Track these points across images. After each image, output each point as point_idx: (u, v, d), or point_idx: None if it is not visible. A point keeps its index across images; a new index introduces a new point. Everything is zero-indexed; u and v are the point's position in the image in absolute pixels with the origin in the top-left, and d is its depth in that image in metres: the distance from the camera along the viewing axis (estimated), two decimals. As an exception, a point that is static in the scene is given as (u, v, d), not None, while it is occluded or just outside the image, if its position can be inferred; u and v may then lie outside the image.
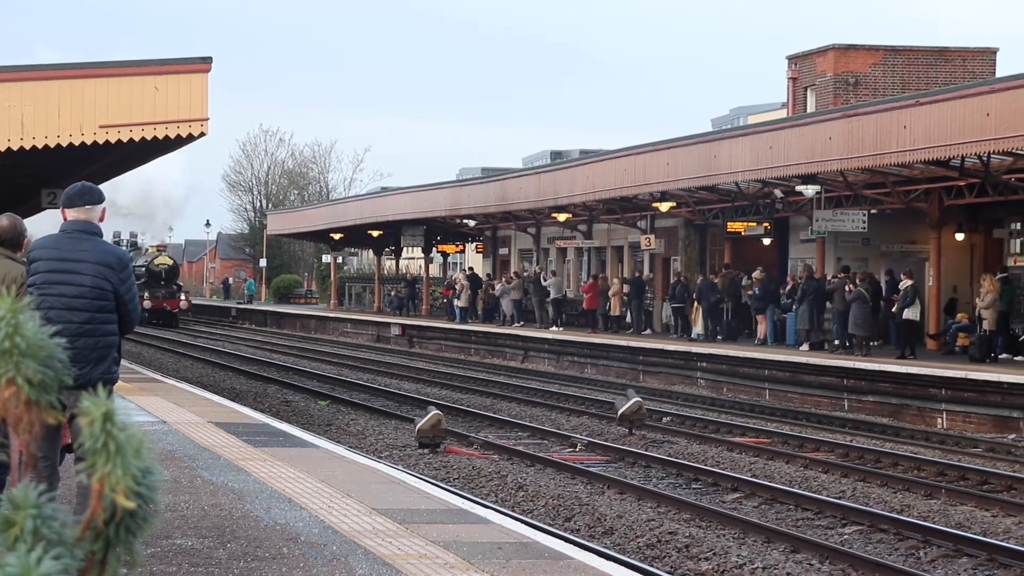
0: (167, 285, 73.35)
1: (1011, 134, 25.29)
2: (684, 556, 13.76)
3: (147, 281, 71.47)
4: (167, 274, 73.60)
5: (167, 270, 73.71)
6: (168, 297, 72.69)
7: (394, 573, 9.07)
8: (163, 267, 73.50)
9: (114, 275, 8.41)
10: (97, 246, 8.48)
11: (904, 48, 44.86)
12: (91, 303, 8.31)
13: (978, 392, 26.49)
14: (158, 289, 72.53)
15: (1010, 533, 15.34)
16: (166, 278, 73.42)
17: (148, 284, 71.57)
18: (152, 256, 74.90)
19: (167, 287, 73.26)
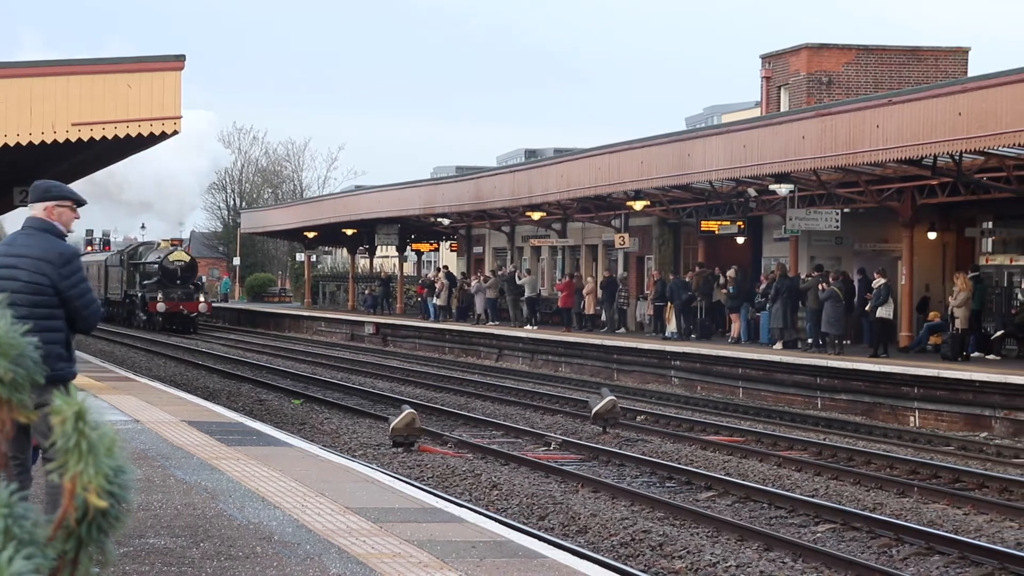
0: (183, 284, 64.29)
1: (983, 133, 25.40)
2: (658, 554, 13.78)
3: (160, 280, 63.85)
4: (183, 272, 64.45)
5: (183, 267, 64.54)
6: (185, 299, 63.56)
7: (368, 572, 9.06)
8: (179, 264, 64.36)
9: (53, 271, 8.29)
10: (41, 242, 8.40)
11: (877, 47, 45.02)
12: (28, 298, 8.21)
13: (950, 391, 26.60)
14: (173, 289, 63.77)
15: (981, 531, 15.41)
16: (182, 276, 64.38)
17: (161, 284, 63.67)
18: (165, 252, 65.34)
19: (183, 287, 64.23)
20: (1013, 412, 25.23)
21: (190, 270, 65.15)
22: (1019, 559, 13.33)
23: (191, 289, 64.48)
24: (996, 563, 13.32)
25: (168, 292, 63.14)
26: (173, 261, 64.40)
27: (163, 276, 63.66)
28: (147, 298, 63.48)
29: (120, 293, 69.78)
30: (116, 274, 70.53)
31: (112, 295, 71.25)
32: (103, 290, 71.95)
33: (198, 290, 65.62)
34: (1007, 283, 32.42)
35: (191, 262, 65.78)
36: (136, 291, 66.00)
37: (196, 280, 66.46)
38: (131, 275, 67.30)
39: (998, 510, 16.66)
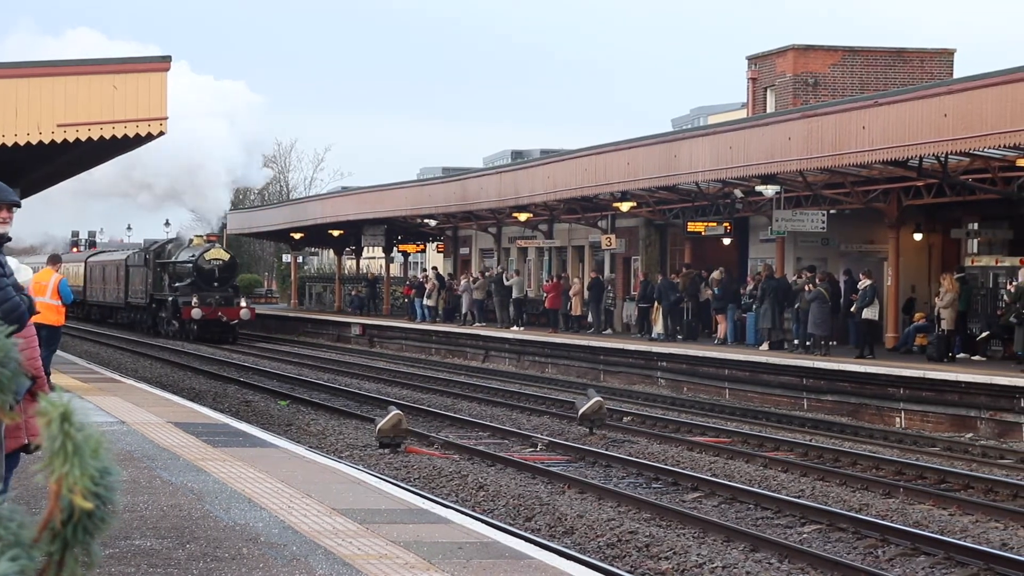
0: (222, 287, 55.60)
1: (968, 135, 25.46)
2: (644, 555, 13.79)
3: (195, 282, 55.47)
4: (222, 272, 55.94)
5: (222, 267, 56.08)
6: (224, 304, 54.79)
7: (354, 573, 9.06)
8: (216, 263, 55.93)
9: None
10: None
11: (863, 49, 45.10)
12: None
13: (936, 392, 26.66)
14: (210, 292, 54.92)
15: (967, 532, 15.45)
16: (220, 278, 55.73)
17: (196, 286, 55.26)
18: (199, 249, 56.74)
19: (222, 290, 55.49)
20: (998, 413, 25.30)
21: (229, 270, 56.74)
22: (1004, 560, 13.37)
23: (230, 293, 55.90)
24: (982, 564, 13.35)
25: (204, 296, 54.56)
26: (210, 260, 55.80)
27: (198, 277, 55.35)
28: (179, 303, 55.50)
29: (144, 297, 61.52)
30: (139, 275, 62.22)
31: (134, 299, 63.65)
32: (122, 294, 65.23)
33: (238, 293, 57.55)
34: (992, 284, 32.49)
35: (230, 261, 57.47)
36: (165, 294, 58.03)
37: (235, 282, 58.48)
38: (158, 276, 59.33)
39: (984, 511, 16.70)
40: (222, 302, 54.86)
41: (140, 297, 62.12)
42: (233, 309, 55.02)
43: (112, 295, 68.32)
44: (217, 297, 54.86)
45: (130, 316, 64.88)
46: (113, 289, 67.73)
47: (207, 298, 54.62)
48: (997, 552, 13.81)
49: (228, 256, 57.66)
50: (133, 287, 63.35)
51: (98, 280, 71.77)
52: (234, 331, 55.22)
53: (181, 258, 57.62)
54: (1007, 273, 31.13)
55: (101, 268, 71.47)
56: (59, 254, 25.25)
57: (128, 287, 64.17)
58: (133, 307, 63.80)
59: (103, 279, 70.42)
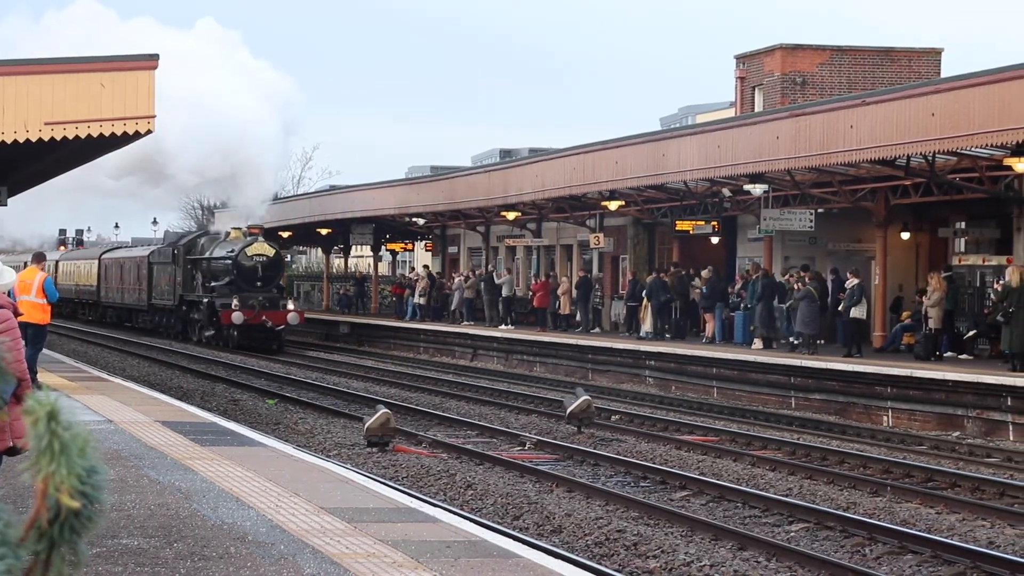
0: (266, 287, 48.43)
1: (956, 134, 25.51)
2: (632, 554, 13.80)
3: (234, 282, 48.25)
4: (266, 270, 48.52)
5: (266, 264, 48.57)
6: (269, 306, 47.81)
7: (342, 572, 9.06)
8: (259, 260, 48.44)
9: None
10: None
11: (850, 48, 45.16)
12: None
13: (923, 390, 26.70)
14: (251, 293, 47.87)
15: (954, 530, 15.48)
16: (264, 277, 48.41)
17: (236, 286, 48.09)
18: (239, 243, 49.18)
19: (266, 290, 48.39)
20: (985, 412, 25.35)
21: (274, 268, 49.29)
22: (991, 558, 13.40)
23: (275, 294, 49.02)
24: (968, 562, 13.38)
25: (246, 298, 47.47)
26: (252, 256, 48.41)
27: (238, 276, 48.20)
28: (217, 306, 48.56)
29: (172, 298, 54.66)
30: (166, 274, 55.53)
31: (159, 301, 56.87)
32: (145, 294, 58.60)
33: (282, 294, 50.71)
34: (979, 283, 32.55)
35: (275, 257, 49.51)
36: (198, 296, 51.36)
37: (280, 282, 51.19)
38: (189, 275, 52.77)
39: (970, 509, 16.74)
40: (266, 304, 47.79)
41: (167, 298, 55.43)
42: (279, 313, 47.98)
43: (132, 296, 61.91)
44: (261, 299, 47.72)
45: (154, 320, 58.05)
46: (133, 289, 61.33)
47: (249, 300, 47.49)
48: (984, 550, 13.85)
49: (273, 251, 49.33)
50: (158, 287, 56.92)
51: (115, 279, 65.55)
52: (280, 338, 48.29)
53: (217, 254, 50.52)
54: (994, 272, 31.19)
55: (119, 266, 64.80)
56: (43, 252, 25.20)
57: (152, 287, 57.72)
58: (158, 310, 57.35)
59: (121, 278, 64.13)
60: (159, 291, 56.77)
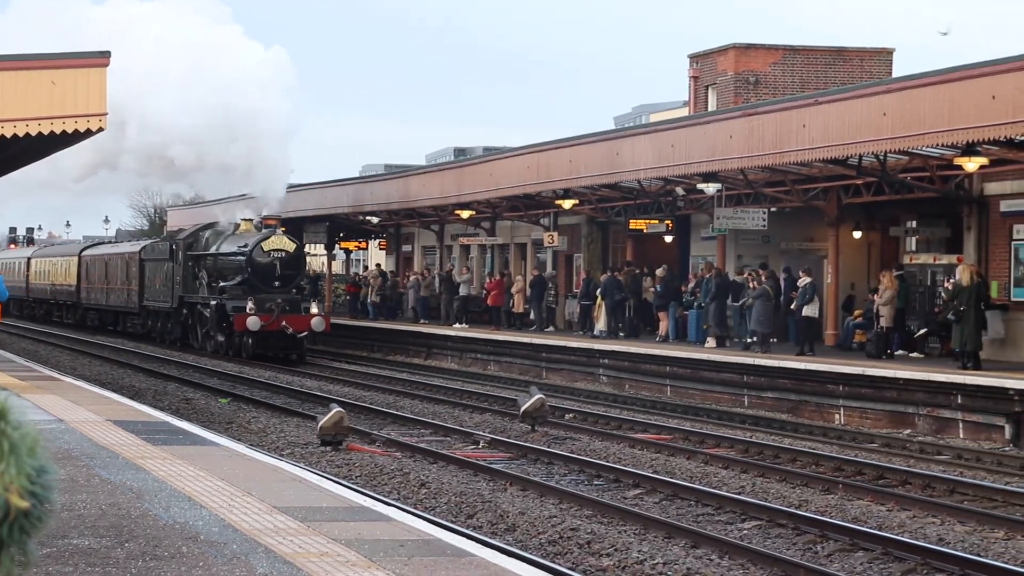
0: (284, 287, 42.46)
1: (907, 133, 25.69)
2: (586, 552, 13.83)
3: (248, 281, 42.40)
4: (285, 268, 42.46)
5: (285, 261, 42.56)
6: (290, 310, 41.92)
7: (295, 571, 9.04)
8: (278, 256, 42.45)
9: None
10: None
11: (803, 48, 45.38)
12: None
13: (875, 388, 26.89)
14: (269, 294, 41.90)
15: (904, 527, 15.60)
16: (283, 275, 42.36)
17: (251, 286, 42.22)
18: (253, 238, 43.26)
19: (285, 290, 42.44)
20: (936, 410, 25.55)
21: (295, 265, 43.18)
22: (941, 555, 13.51)
23: (297, 296, 43.14)
24: (919, 559, 13.49)
25: (263, 300, 41.56)
26: (269, 251, 42.31)
27: (252, 274, 42.12)
28: (228, 309, 42.53)
29: (169, 300, 48.41)
30: (161, 272, 49.49)
31: (154, 303, 50.70)
32: (135, 295, 52.90)
33: (304, 294, 44.46)
34: (930, 282, 32.80)
35: (297, 252, 43.48)
36: (203, 297, 45.39)
37: (303, 281, 45.02)
38: (191, 273, 46.76)
39: (921, 506, 16.87)
40: (287, 308, 41.81)
41: (163, 300, 49.32)
42: (301, 317, 41.76)
43: (119, 297, 56.21)
44: (279, 301, 41.69)
45: (146, 324, 52.19)
46: (121, 290, 55.64)
47: (266, 302, 41.47)
48: (934, 547, 13.96)
49: (293, 246, 43.13)
50: (152, 287, 50.73)
51: (98, 278, 59.95)
52: (302, 346, 42.29)
53: (226, 249, 44.54)
54: (944, 271, 31.43)
55: (103, 264, 59.28)
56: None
57: (145, 287, 51.81)
58: (152, 313, 51.33)
59: (106, 277, 58.48)
60: (153, 292, 50.77)
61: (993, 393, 24.27)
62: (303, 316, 41.98)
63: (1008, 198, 29.61)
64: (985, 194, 30.10)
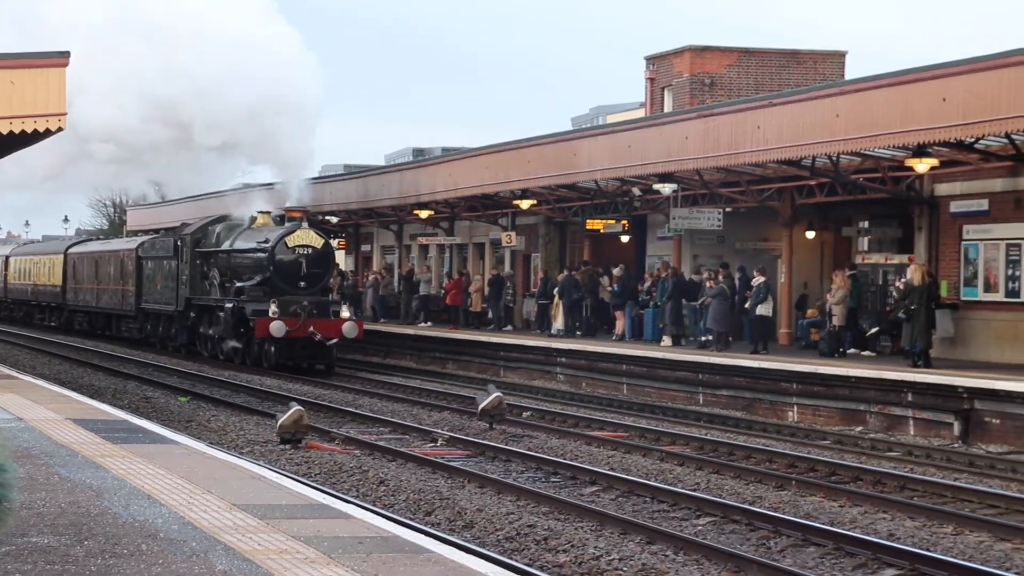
0: (311, 288, 37.56)
1: (859, 135, 25.86)
2: (543, 548, 13.87)
3: (268, 281, 37.59)
4: (312, 266, 37.57)
5: (312, 258, 37.63)
6: (318, 314, 36.98)
7: (254, 568, 9.03)
8: (304, 253, 37.50)
9: None
10: None
11: (757, 50, 45.58)
12: None
13: (827, 386, 27.05)
14: (295, 296, 37.09)
15: (856, 523, 15.71)
16: (309, 275, 37.46)
17: (272, 286, 37.43)
18: (274, 232, 38.48)
19: (311, 291, 37.55)
20: (887, 407, 25.73)
21: (323, 263, 38.07)
22: (892, 550, 13.62)
23: (325, 298, 38.44)
24: (870, 554, 13.59)
25: (288, 302, 36.67)
26: (294, 247, 37.44)
27: (275, 274, 37.33)
28: (247, 313, 37.55)
29: (173, 302, 43.42)
30: (162, 271, 44.85)
31: (153, 305, 45.83)
32: (131, 298, 48.15)
33: (330, 295, 39.87)
34: (882, 281, 33.01)
35: (324, 249, 38.29)
36: (216, 300, 40.50)
37: (329, 282, 40.03)
38: (199, 272, 41.95)
39: (872, 502, 16.99)
40: (316, 311, 36.93)
41: (166, 302, 44.36)
42: (331, 322, 36.87)
43: (113, 299, 51.36)
44: (306, 304, 36.81)
45: (145, 328, 47.57)
46: (115, 291, 50.92)
47: (291, 305, 36.63)
48: (885, 542, 14.07)
49: (321, 242, 38.00)
50: (152, 288, 46.07)
51: (87, 278, 55.17)
52: (331, 355, 37.49)
53: (242, 245, 39.56)
54: (896, 270, 31.65)
55: (92, 262, 54.51)
56: None
57: (143, 288, 47.15)
58: (151, 316, 46.57)
59: (96, 277, 53.69)
60: (153, 293, 45.91)
61: (943, 391, 24.47)
62: (333, 321, 37.03)
63: (958, 199, 29.84)
64: (936, 195, 30.33)
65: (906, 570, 13.02)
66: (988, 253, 29.06)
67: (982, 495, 17.62)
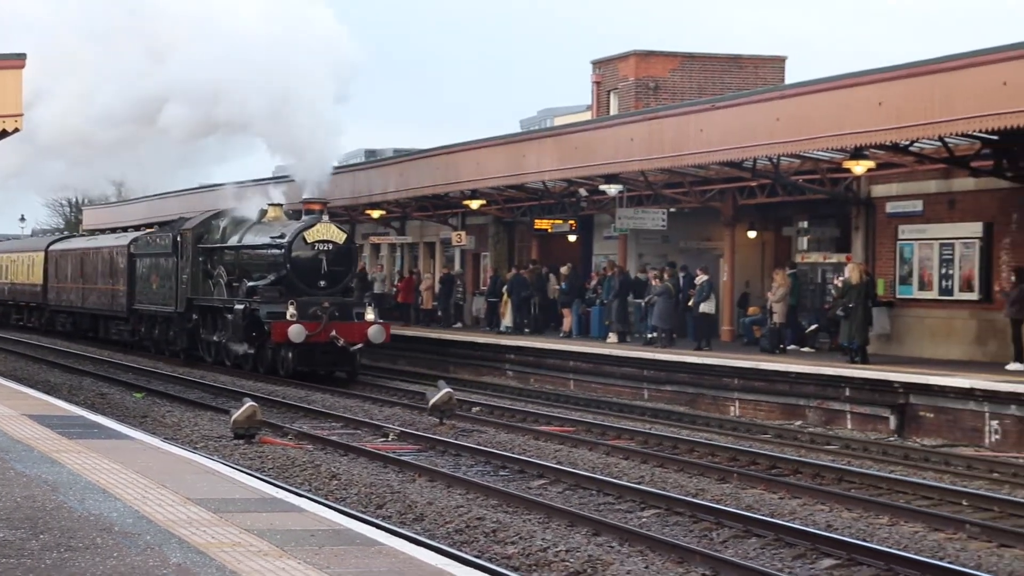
0: (331, 288, 33.34)
1: (799, 138, 26.00)
2: (491, 540, 13.88)
3: (284, 280, 33.47)
4: (333, 263, 33.45)
5: (333, 255, 33.44)
6: (341, 315, 32.74)
7: (208, 561, 8.99)
8: (324, 249, 33.34)
9: None
10: None
11: (700, 55, 45.75)
12: None
13: (768, 382, 27.19)
14: (315, 296, 32.92)
15: (795, 514, 15.80)
16: (330, 273, 33.35)
17: (289, 285, 33.29)
18: (290, 227, 34.31)
19: (331, 292, 33.30)
20: (825, 402, 25.90)
21: (344, 261, 33.88)
22: (830, 540, 13.71)
23: (347, 298, 33.97)
24: (809, 544, 13.68)
25: (307, 304, 32.54)
26: (314, 243, 33.32)
27: (293, 272, 33.17)
28: (262, 315, 33.27)
29: (172, 303, 39.32)
30: (158, 270, 40.92)
31: (148, 306, 41.86)
32: (122, 298, 44.29)
33: (353, 294, 35.06)
34: (821, 279, 33.23)
35: (347, 245, 34.00)
36: (222, 300, 36.19)
37: (351, 282, 35.03)
38: (201, 271, 37.82)
39: (811, 494, 17.09)
40: (338, 312, 32.75)
41: (163, 303, 40.31)
42: (356, 326, 32.70)
43: (101, 299, 47.30)
44: (328, 305, 32.57)
45: (138, 331, 43.43)
46: (103, 291, 47.05)
47: (310, 306, 32.47)
48: (823, 533, 14.16)
49: (343, 236, 33.86)
50: (146, 287, 42.22)
51: (71, 277, 51.42)
52: (355, 361, 33.25)
53: (252, 240, 35.84)
54: (834, 269, 31.86)
55: (77, 260, 50.52)
56: None
57: (135, 287, 43.30)
58: (147, 318, 42.53)
59: (82, 275, 49.72)
60: (148, 293, 41.89)
61: (879, 386, 24.66)
62: (357, 324, 32.78)
63: (894, 200, 30.08)
64: (872, 196, 30.55)
65: (843, 560, 13.11)
66: (922, 252, 29.31)
67: (916, 487, 17.76)
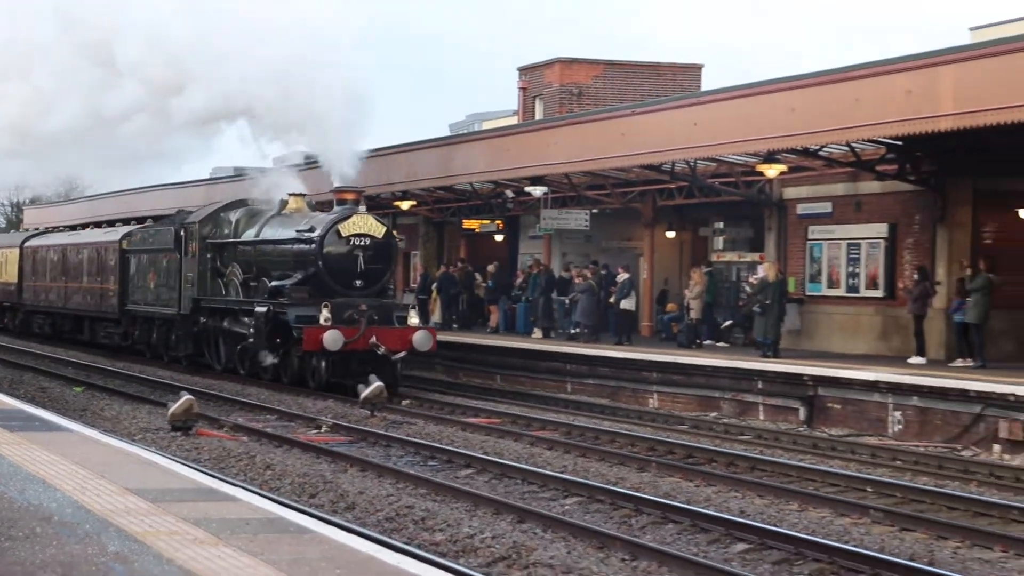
0: (368, 288, 28.31)
1: (714, 142, 26.22)
2: (420, 528, 13.89)
3: (311, 278, 28.48)
4: (371, 260, 28.37)
5: (371, 251, 28.34)
6: (381, 319, 27.70)
7: (145, 549, 8.94)
8: (361, 244, 28.21)
9: None
10: None
11: (621, 63, 45.91)
12: None
13: (685, 375, 27.38)
14: (350, 297, 27.98)
15: (710, 501, 15.94)
16: (367, 272, 28.29)
17: (319, 285, 28.26)
18: (320, 220, 29.05)
19: (368, 293, 28.25)
20: (739, 394, 26.13)
21: (383, 257, 28.72)
22: (743, 526, 13.85)
23: (387, 301, 28.86)
24: (723, 530, 13.81)
25: (343, 306, 27.58)
26: (349, 237, 28.21)
27: (325, 270, 28.12)
28: (290, 319, 28.15)
29: (174, 304, 34.21)
30: (157, 267, 35.94)
31: (142, 307, 37.01)
32: (113, 298, 39.14)
33: (391, 294, 30.22)
34: (736, 278, 33.53)
35: (386, 239, 28.70)
36: (238, 301, 31.18)
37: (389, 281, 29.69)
38: (211, 268, 32.74)
39: (725, 482, 17.25)
40: (378, 316, 27.72)
41: (163, 304, 35.29)
42: (397, 332, 27.71)
43: (88, 299, 42.01)
44: (365, 308, 27.53)
45: (130, 334, 38.56)
46: (90, 291, 41.83)
47: (345, 309, 27.50)
48: (736, 519, 14.30)
49: (383, 230, 28.60)
50: (141, 287, 37.20)
51: (51, 275, 46.16)
52: (395, 371, 27.63)
53: (272, 235, 30.47)
54: (748, 268, 32.16)
55: (58, 256, 45.43)
56: None
57: (128, 287, 38.22)
58: (141, 320, 37.41)
59: (63, 273, 44.63)
60: (143, 293, 36.95)
61: (790, 379, 24.91)
62: (399, 329, 27.79)
63: (804, 202, 30.41)
64: (784, 198, 30.87)
65: (755, 544, 13.26)
66: (831, 252, 29.66)
67: (824, 475, 17.97)
